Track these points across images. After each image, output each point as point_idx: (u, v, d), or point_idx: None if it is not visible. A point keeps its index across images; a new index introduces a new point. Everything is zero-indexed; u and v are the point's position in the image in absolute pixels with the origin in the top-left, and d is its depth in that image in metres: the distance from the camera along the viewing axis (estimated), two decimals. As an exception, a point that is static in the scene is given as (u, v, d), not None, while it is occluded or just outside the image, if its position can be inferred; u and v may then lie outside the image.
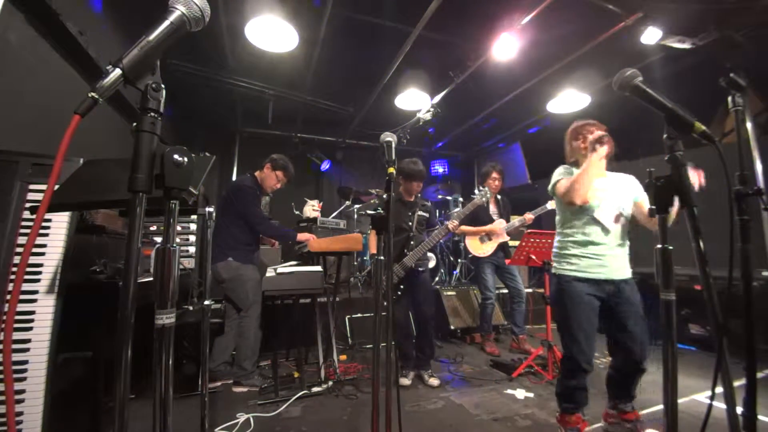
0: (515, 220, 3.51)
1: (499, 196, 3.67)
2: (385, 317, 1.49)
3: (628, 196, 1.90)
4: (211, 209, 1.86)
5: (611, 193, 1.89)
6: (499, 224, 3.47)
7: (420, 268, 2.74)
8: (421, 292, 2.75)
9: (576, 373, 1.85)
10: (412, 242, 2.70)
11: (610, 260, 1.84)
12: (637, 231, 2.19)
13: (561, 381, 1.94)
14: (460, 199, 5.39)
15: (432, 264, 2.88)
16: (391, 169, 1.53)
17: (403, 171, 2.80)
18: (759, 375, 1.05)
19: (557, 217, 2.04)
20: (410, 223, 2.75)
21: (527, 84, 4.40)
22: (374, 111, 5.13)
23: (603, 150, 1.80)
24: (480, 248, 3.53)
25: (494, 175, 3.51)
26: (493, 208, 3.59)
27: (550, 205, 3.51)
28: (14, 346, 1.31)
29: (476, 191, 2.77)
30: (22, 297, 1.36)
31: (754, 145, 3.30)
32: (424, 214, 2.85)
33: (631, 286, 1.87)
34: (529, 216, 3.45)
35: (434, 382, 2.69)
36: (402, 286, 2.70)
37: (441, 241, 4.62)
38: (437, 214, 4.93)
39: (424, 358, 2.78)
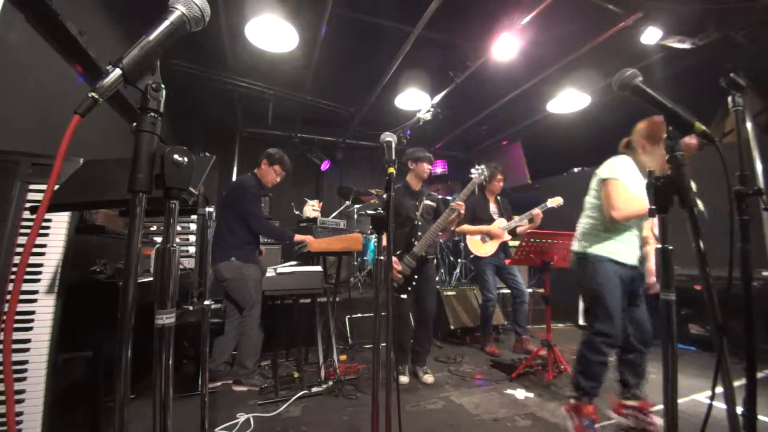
0: (524, 216, 3.45)
1: (498, 197, 3.67)
2: (386, 316, 1.48)
3: None
4: (211, 209, 1.86)
5: None
6: (499, 223, 3.46)
7: (429, 256, 2.74)
8: (427, 285, 2.74)
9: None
10: (419, 232, 2.68)
11: None
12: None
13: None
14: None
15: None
16: (391, 169, 1.52)
17: (412, 155, 2.82)
18: (759, 375, 1.05)
19: None
20: (417, 213, 2.74)
21: (527, 84, 4.40)
22: (374, 111, 5.14)
23: None
24: (482, 248, 3.52)
25: (499, 176, 3.52)
26: (493, 208, 3.59)
27: (551, 202, 3.49)
28: (14, 346, 1.31)
29: (473, 170, 2.72)
30: (22, 297, 1.35)
31: (754, 145, 3.31)
32: (431, 203, 2.83)
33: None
34: (537, 211, 3.33)
35: (429, 379, 2.68)
36: (416, 277, 2.67)
37: (441, 241, 4.56)
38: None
39: (422, 352, 2.77)
